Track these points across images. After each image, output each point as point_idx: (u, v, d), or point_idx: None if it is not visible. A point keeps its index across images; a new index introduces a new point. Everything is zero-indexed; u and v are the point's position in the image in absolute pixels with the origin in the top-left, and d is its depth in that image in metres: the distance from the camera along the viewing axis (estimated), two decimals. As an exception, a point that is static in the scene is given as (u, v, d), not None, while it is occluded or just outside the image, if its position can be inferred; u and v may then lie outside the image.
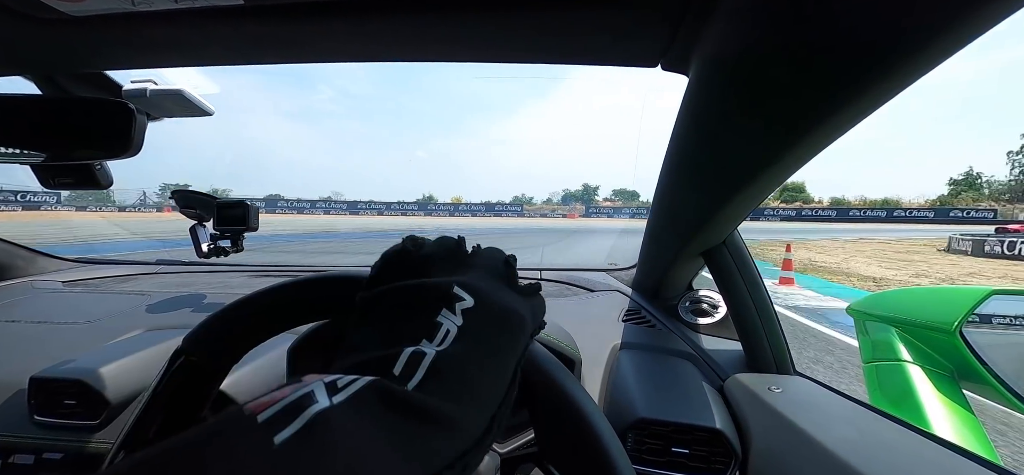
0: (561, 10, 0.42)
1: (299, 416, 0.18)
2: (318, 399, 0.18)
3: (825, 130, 0.41)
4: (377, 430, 0.19)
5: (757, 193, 0.58)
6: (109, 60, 0.58)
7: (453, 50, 0.50)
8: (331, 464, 0.17)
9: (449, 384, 0.22)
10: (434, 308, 0.25)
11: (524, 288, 0.30)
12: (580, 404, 0.31)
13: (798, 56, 0.36)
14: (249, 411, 0.18)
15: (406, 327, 0.24)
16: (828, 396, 0.72)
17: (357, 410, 0.19)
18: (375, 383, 0.20)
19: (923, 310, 0.97)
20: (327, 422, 0.18)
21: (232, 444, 0.17)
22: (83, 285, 1.33)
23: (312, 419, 0.18)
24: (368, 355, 0.23)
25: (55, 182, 0.71)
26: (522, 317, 0.27)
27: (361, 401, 0.19)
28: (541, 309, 0.31)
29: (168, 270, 1.46)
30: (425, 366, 0.22)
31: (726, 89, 0.45)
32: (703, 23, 0.41)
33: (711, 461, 0.70)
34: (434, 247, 0.30)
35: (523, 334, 0.27)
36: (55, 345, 0.97)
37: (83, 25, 0.47)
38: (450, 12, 0.43)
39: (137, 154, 0.62)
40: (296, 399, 0.18)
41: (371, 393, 0.20)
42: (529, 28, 0.45)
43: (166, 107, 0.66)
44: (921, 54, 0.30)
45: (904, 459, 0.54)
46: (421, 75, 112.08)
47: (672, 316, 1.04)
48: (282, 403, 0.18)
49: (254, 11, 0.44)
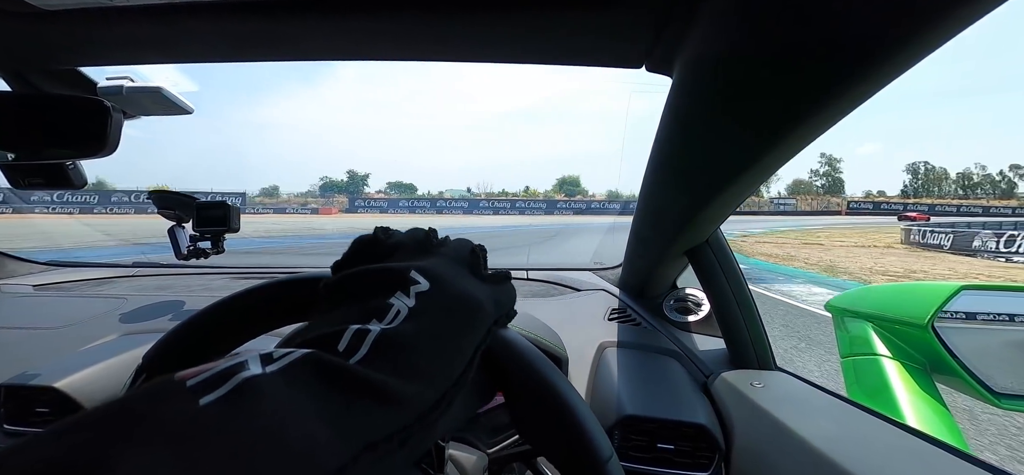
0: (547, 12, 0.42)
1: (227, 382, 0.18)
2: (250, 368, 0.18)
3: (804, 130, 0.42)
4: (308, 399, 0.19)
5: (739, 192, 0.59)
6: (83, 56, 0.57)
7: (436, 50, 0.50)
8: (254, 427, 0.17)
9: (392, 360, 0.22)
10: (388, 291, 0.25)
11: (490, 275, 0.31)
12: (554, 383, 0.32)
13: (777, 59, 0.37)
14: (180, 378, 0.18)
15: (359, 308, 0.24)
16: (808, 391, 0.74)
17: (289, 380, 0.19)
18: (311, 355, 0.20)
19: (898, 306, 1.00)
20: (255, 389, 0.18)
21: (157, 405, 0.17)
22: (55, 289, 1.29)
23: (239, 384, 0.17)
24: (313, 333, 0.23)
25: (25, 182, 0.69)
26: (479, 301, 0.28)
27: (294, 371, 0.19)
28: (507, 296, 0.31)
29: (145, 273, 1.42)
30: (369, 342, 0.22)
31: (708, 90, 0.46)
32: (685, 26, 0.42)
33: (696, 456, 0.71)
34: (403, 237, 0.31)
35: (480, 318, 0.27)
36: (26, 351, 0.94)
37: (57, 19, 0.46)
38: (434, 12, 0.43)
39: (113, 153, 0.60)
40: (227, 367, 0.18)
41: (305, 364, 0.20)
42: (515, 29, 0.46)
43: (144, 105, 0.64)
44: (896, 56, 0.31)
45: (880, 450, 0.56)
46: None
47: (657, 314, 1.06)
48: (212, 370, 0.18)
49: (234, 8, 0.43)
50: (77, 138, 0.58)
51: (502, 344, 0.32)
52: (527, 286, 1.31)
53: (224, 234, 1.12)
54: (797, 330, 4.40)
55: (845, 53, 0.33)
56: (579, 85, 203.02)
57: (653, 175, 0.69)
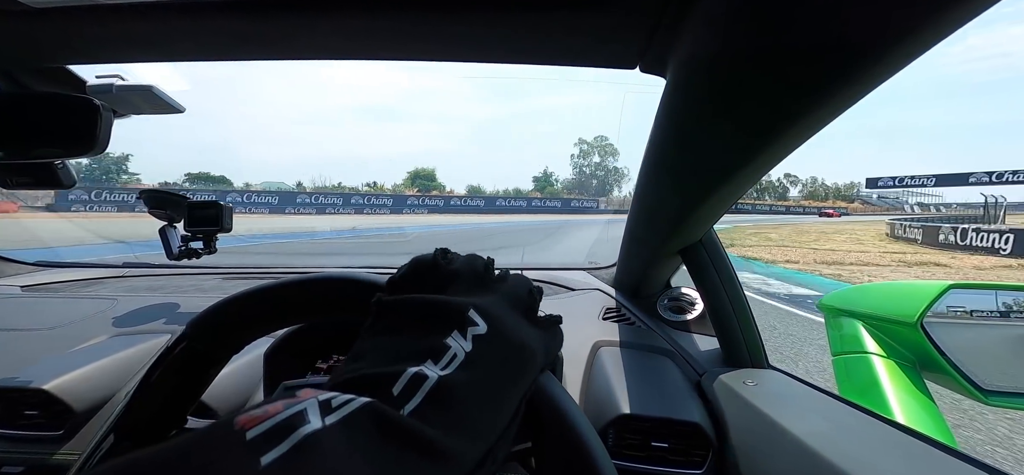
0: (541, 13, 0.42)
1: (289, 437, 0.17)
2: (310, 419, 0.18)
3: (797, 130, 0.42)
4: (367, 458, 0.18)
5: (733, 192, 0.60)
6: (73, 54, 0.56)
7: (432, 50, 0.50)
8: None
9: (447, 413, 0.22)
10: (445, 329, 0.25)
11: (543, 320, 0.30)
12: (589, 446, 0.31)
13: (769, 60, 0.37)
14: (239, 426, 0.17)
15: (414, 344, 0.24)
16: (800, 388, 0.75)
17: (349, 435, 0.18)
18: (370, 406, 0.20)
19: (887, 304, 1.02)
20: (317, 445, 0.17)
21: (215, 460, 0.16)
22: (44, 290, 1.27)
23: (302, 441, 0.17)
24: (370, 370, 0.23)
25: (13, 182, 0.68)
26: (533, 352, 0.27)
27: (354, 424, 0.19)
28: (557, 343, 0.31)
29: (136, 273, 1.41)
30: (425, 390, 0.22)
31: (701, 91, 0.46)
32: (679, 27, 0.42)
33: (689, 454, 0.71)
34: (462, 264, 0.30)
35: (532, 369, 0.27)
36: (14, 353, 0.92)
37: (45, 17, 0.45)
38: (429, 12, 0.43)
39: (102, 152, 0.59)
40: (288, 417, 0.18)
41: (365, 417, 0.19)
42: (508, 30, 0.46)
43: (134, 104, 0.63)
44: (889, 56, 0.32)
45: (871, 446, 0.56)
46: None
47: (651, 314, 1.06)
48: (272, 421, 0.17)
49: (226, 6, 0.43)
50: (66, 137, 0.57)
51: (544, 393, 0.31)
52: None
53: (216, 234, 1.11)
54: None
55: (836, 54, 0.33)
56: (434, 82, 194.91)
57: (647, 175, 0.69)
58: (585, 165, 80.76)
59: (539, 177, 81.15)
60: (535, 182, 79.34)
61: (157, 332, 0.97)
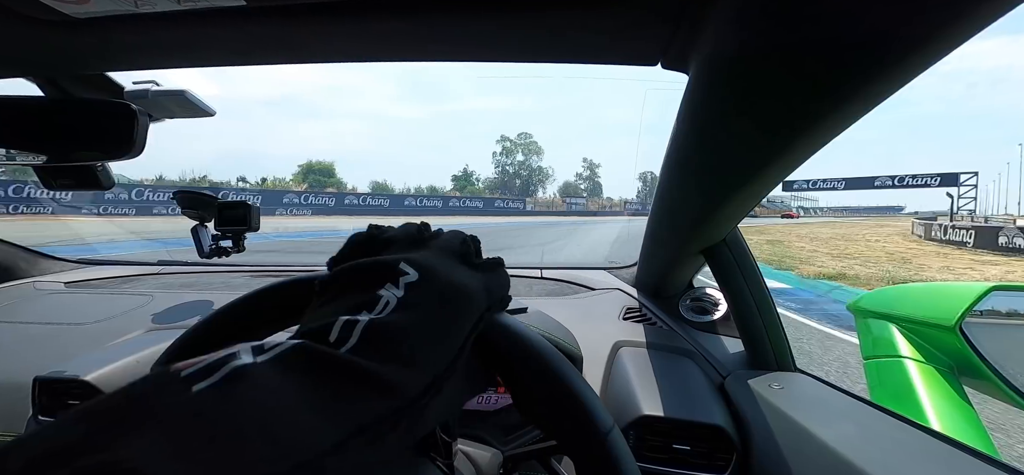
0: (563, 11, 0.42)
1: (219, 370, 0.19)
2: (241, 357, 0.19)
3: (823, 128, 0.41)
4: (298, 386, 0.19)
5: (757, 191, 0.58)
6: (111, 62, 0.59)
7: (453, 50, 0.51)
8: (244, 411, 0.18)
9: (381, 348, 0.23)
10: (378, 283, 0.26)
11: (481, 264, 0.31)
12: (551, 361, 0.32)
13: (795, 55, 0.36)
14: (176, 368, 0.19)
15: (350, 301, 0.25)
16: (829, 392, 0.73)
17: (280, 368, 0.20)
18: (301, 345, 0.21)
19: (923, 306, 0.98)
20: (247, 377, 0.19)
21: (153, 392, 0.18)
22: (85, 286, 1.34)
23: (230, 372, 0.19)
24: (305, 327, 0.24)
25: (56, 183, 0.72)
26: (469, 290, 0.29)
27: (285, 361, 0.20)
28: (499, 284, 0.32)
29: (170, 271, 1.46)
30: (357, 332, 0.23)
31: (725, 88, 0.45)
32: (701, 22, 0.41)
33: (713, 458, 0.70)
34: (396, 231, 0.32)
35: (472, 306, 0.28)
36: (58, 346, 0.98)
37: (86, 27, 0.47)
38: (451, 12, 0.43)
39: (139, 155, 0.62)
40: (220, 357, 0.19)
41: (295, 353, 0.21)
42: (529, 27, 0.46)
43: (168, 108, 0.66)
44: (918, 52, 0.30)
45: (904, 454, 0.54)
46: None
47: (673, 314, 1.05)
48: (205, 361, 0.19)
49: (256, 12, 0.44)
50: (106, 141, 0.60)
51: (498, 329, 0.32)
52: (541, 285, 1.31)
53: (245, 233, 1.15)
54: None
55: (866, 51, 0.32)
56: (356, 80, 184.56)
57: (668, 174, 0.68)
58: (508, 164, 75.90)
59: (459, 176, 74.04)
60: (454, 181, 72.62)
61: (188, 327, 1.01)
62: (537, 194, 71.79)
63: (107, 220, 14.00)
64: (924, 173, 44.66)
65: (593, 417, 0.30)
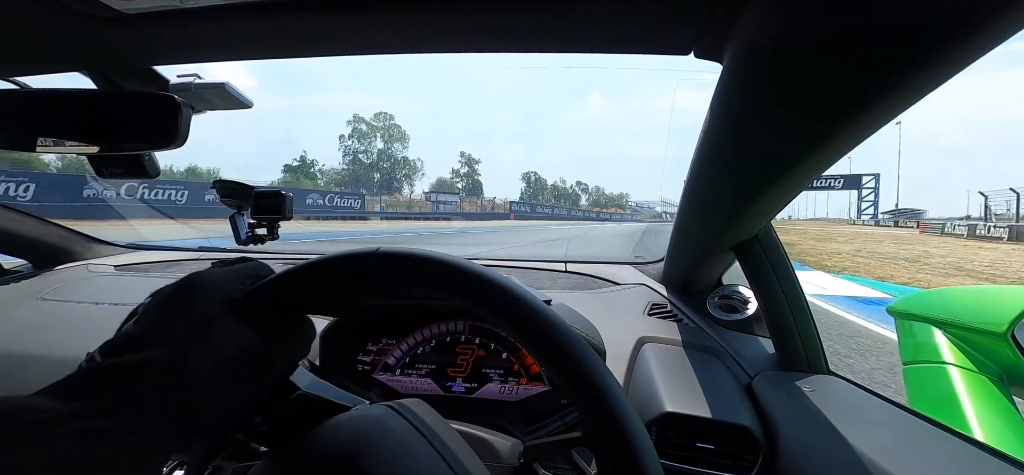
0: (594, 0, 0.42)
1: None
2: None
3: (867, 119, 0.39)
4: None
5: (793, 186, 0.57)
6: (158, 56, 0.62)
7: (486, 41, 0.51)
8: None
9: (123, 343, 0.31)
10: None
11: (225, 261, 0.40)
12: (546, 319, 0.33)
13: (843, 42, 0.35)
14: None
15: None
16: (863, 397, 0.70)
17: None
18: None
19: (970, 311, 0.92)
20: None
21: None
22: (133, 269, 1.42)
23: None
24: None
25: (108, 172, 0.76)
26: (195, 281, 0.36)
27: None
28: (245, 270, 0.40)
29: (210, 256, 1.54)
30: (108, 345, 0.32)
31: (761, 78, 0.44)
32: (739, 9, 0.40)
33: (738, 459, 0.69)
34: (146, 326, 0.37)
35: (203, 290, 0.35)
36: (109, 324, 1.04)
37: (136, 22, 0.50)
38: (483, 3, 0.43)
39: (183, 145, 0.65)
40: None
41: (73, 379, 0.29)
42: (560, 17, 0.45)
43: (210, 100, 0.68)
44: (965, 42, 0.29)
45: (945, 465, 0.52)
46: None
47: (700, 311, 1.03)
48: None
49: (294, 6, 0.45)
50: (152, 132, 0.63)
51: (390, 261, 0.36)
52: (565, 279, 1.31)
53: (279, 222, 1.19)
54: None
55: (905, 39, 0.31)
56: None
57: (699, 167, 0.67)
58: (361, 151, 59.27)
59: (295, 165, 54.79)
60: (288, 171, 53.83)
61: None
62: (403, 191, 58.87)
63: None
64: (830, 175, 43.54)
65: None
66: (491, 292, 0.34)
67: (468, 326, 0.87)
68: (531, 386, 0.83)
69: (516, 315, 0.33)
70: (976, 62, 0.31)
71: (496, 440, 0.59)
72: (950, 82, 0.34)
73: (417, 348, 0.88)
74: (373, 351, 0.89)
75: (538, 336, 0.33)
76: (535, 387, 0.83)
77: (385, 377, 0.87)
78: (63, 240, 1.45)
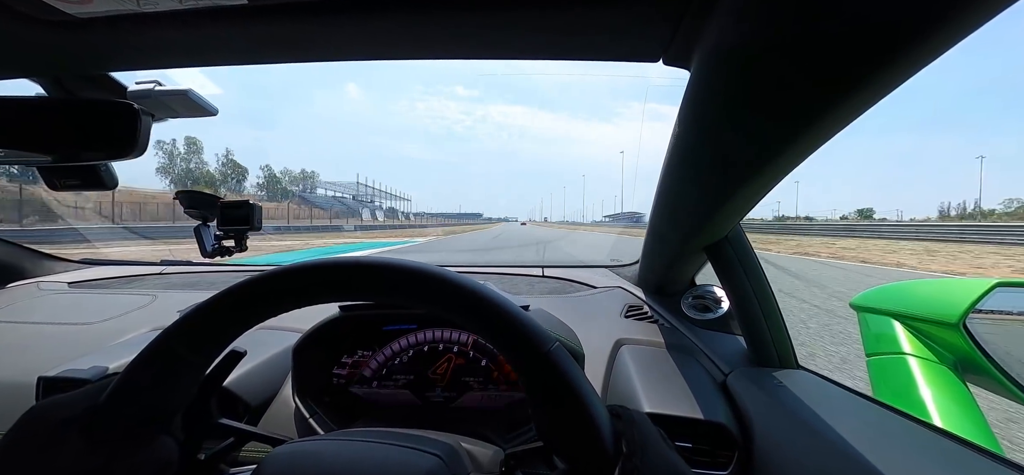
0: (564, 8, 0.42)
1: None
2: None
3: (826, 123, 0.41)
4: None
5: (760, 188, 0.58)
6: (114, 62, 0.59)
7: (455, 48, 0.51)
8: None
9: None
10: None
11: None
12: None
13: (803, 48, 0.36)
14: None
15: None
16: (831, 389, 0.72)
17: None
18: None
19: (926, 303, 0.97)
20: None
21: None
22: (89, 286, 1.34)
23: None
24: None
25: (61, 184, 0.72)
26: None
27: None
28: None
29: (173, 270, 1.47)
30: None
31: (727, 83, 0.45)
32: (704, 17, 0.41)
33: (714, 455, 0.70)
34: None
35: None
36: (62, 346, 0.98)
37: (88, 27, 0.47)
38: (452, 10, 0.43)
39: (142, 155, 0.62)
40: None
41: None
42: (530, 25, 0.46)
43: (171, 108, 0.66)
44: (921, 45, 0.30)
45: (908, 450, 0.54)
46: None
47: (675, 312, 1.05)
48: None
49: (258, 11, 0.44)
50: (109, 141, 0.60)
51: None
52: (542, 284, 1.31)
53: (247, 233, 1.15)
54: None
55: (877, 39, 0.32)
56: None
57: (671, 171, 0.68)
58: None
59: None
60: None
61: None
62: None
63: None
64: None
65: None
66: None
67: (445, 335, 0.86)
68: (513, 392, 0.83)
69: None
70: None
71: (476, 450, 0.58)
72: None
73: (394, 359, 0.86)
74: (348, 363, 0.87)
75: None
76: (518, 393, 0.82)
77: (362, 390, 0.85)
78: (11, 256, 1.36)
